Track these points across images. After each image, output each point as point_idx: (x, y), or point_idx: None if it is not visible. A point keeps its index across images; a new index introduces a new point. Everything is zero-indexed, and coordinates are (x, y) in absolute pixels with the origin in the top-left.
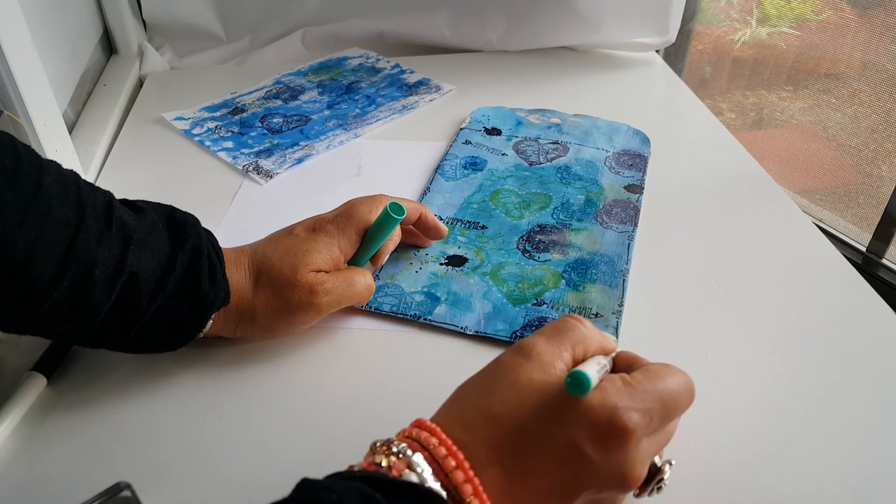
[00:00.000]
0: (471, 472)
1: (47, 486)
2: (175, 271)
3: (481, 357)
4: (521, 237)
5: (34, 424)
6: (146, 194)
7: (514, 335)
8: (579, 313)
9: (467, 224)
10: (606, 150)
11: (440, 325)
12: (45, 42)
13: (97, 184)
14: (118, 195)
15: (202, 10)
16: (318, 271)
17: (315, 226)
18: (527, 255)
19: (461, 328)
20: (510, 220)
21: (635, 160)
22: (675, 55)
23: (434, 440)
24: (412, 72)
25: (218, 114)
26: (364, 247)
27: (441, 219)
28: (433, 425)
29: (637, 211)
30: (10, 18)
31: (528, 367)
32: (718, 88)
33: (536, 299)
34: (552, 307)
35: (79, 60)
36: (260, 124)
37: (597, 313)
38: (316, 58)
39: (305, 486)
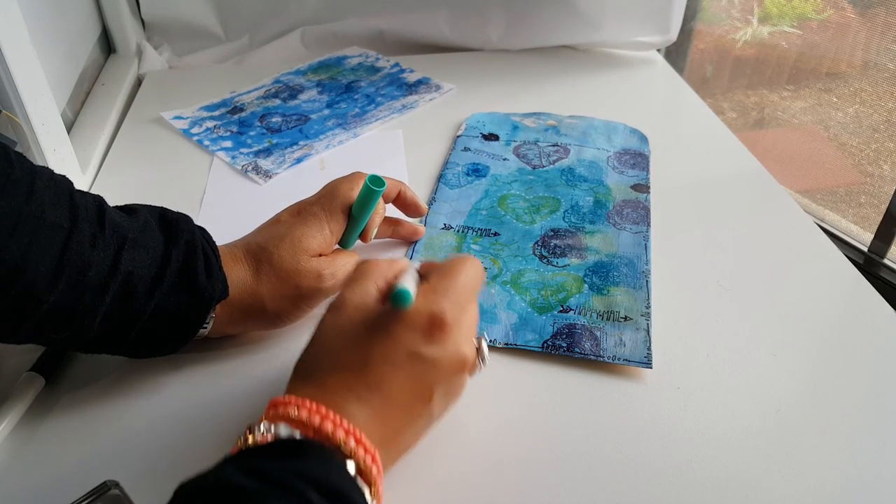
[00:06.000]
0: (337, 418)
1: (46, 486)
2: (171, 267)
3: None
4: (536, 242)
5: (33, 425)
6: (144, 193)
7: (545, 345)
8: (607, 317)
9: (479, 232)
10: (607, 150)
11: None
12: (44, 41)
13: (95, 183)
14: (116, 194)
15: (201, 9)
16: (316, 255)
17: (300, 210)
18: (544, 260)
19: (490, 341)
20: (522, 226)
21: (637, 159)
22: (676, 54)
23: (292, 408)
24: (412, 71)
25: (217, 113)
26: (352, 225)
27: (451, 228)
28: (286, 397)
29: (647, 210)
30: (9, 18)
31: (346, 313)
32: (720, 88)
33: (562, 306)
34: (579, 313)
35: (77, 60)
36: (259, 124)
37: (626, 317)
38: (315, 57)
39: (184, 492)
